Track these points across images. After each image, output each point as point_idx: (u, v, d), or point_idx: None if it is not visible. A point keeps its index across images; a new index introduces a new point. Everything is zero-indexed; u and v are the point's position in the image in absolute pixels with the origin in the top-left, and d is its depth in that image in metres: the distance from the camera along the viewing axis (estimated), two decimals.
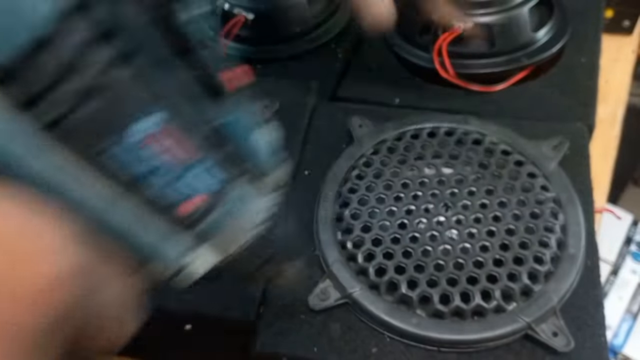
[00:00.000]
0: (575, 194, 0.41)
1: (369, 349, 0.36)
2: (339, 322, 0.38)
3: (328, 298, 0.38)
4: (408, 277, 0.37)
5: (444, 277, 0.37)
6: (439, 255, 0.38)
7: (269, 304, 0.39)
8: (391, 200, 0.41)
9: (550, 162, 0.43)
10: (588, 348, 0.36)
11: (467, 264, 0.37)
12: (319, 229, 0.41)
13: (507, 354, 0.36)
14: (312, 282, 0.39)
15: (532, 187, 0.41)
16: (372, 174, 0.43)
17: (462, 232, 0.39)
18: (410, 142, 0.45)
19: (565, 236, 0.39)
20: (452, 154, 0.43)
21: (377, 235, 0.39)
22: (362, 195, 0.42)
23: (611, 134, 0.59)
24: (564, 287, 0.37)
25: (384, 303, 0.37)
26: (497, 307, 0.36)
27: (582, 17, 0.60)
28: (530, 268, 0.37)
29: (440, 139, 0.44)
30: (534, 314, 0.36)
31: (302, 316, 0.38)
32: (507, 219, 0.39)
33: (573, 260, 0.38)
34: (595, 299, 0.38)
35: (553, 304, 0.36)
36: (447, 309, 0.36)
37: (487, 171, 0.42)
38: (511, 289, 0.36)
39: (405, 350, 0.36)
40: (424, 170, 0.43)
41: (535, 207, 0.40)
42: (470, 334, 0.35)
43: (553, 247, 0.38)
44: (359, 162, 0.44)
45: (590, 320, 0.37)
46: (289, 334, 0.37)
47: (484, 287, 0.36)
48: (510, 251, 0.38)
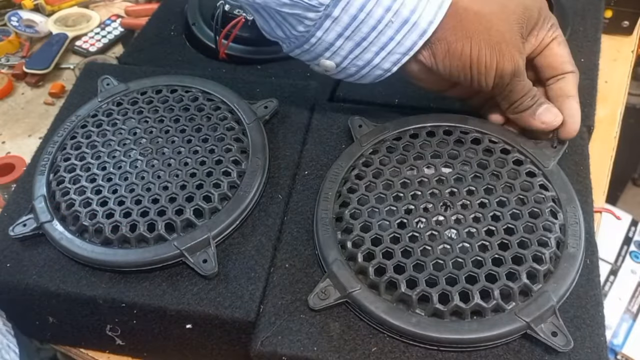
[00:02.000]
0: (575, 194, 0.42)
1: (369, 348, 0.37)
2: (338, 322, 0.38)
3: (328, 297, 0.38)
4: (407, 276, 0.37)
5: (443, 276, 0.37)
6: (438, 255, 0.38)
7: (269, 303, 0.39)
8: (390, 200, 0.41)
9: (549, 161, 0.43)
10: (587, 347, 0.36)
11: (466, 263, 0.37)
12: (318, 228, 0.41)
13: (506, 353, 0.36)
14: (312, 282, 0.39)
15: (532, 187, 0.41)
16: (371, 173, 0.43)
17: (461, 232, 0.39)
18: (410, 141, 0.45)
19: (564, 236, 0.39)
20: (451, 153, 0.43)
21: (377, 235, 0.39)
22: (361, 194, 0.42)
23: (610, 134, 0.59)
24: (564, 286, 0.37)
25: (384, 302, 0.37)
26: (496, 307, 0.36)
27: (581, 18, 0.60)
28: (529, 267, 0.37)
29: (439, 138, 0.44)
30: (533, 313, 0.36)
31: (302, 315, 0.38)
32: (506, 218, 0.39)
33: (572, 259, 0.38)
34: (595, 298, 0.38)
35: (552, 303, 0.36)
36: (447, 309, 0.36)
37: (487, 170, 0.42)
38: (510, 288, 0.36)
39: (405, 350, 0.36)
40: (423, 170, 0.43)
41: (534, 207, 0.40)
42: (470, 334, 0.35)
43: (552, 247, 0.38)
44: (358, 162, 0.44)
45: (590, 319, 0.37)
46: (288, 333, 0.37)
47: (483, 286, 0.36)
48: (510, 250, 0.38)
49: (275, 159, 0.47)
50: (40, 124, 0.68)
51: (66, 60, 0.75)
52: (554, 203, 0.41)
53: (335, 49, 0.42)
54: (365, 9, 0.39)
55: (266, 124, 0.49)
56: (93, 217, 0.43)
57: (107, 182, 0.44)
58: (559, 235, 0.39)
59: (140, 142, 0.47)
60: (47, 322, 0.43)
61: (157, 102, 0.50)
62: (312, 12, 0.40)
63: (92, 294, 0.40)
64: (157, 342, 0.43)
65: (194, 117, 0.48)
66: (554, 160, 0.43)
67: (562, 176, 0.42)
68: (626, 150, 0.73)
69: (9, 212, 0.46)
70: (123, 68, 0.59)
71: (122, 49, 0.76)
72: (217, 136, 0.47)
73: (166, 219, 0.42)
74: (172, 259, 0.41)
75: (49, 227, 0.43)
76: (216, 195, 0.43)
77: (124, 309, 0.40)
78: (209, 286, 0.40)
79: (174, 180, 0.44)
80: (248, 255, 0.42)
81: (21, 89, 0.73)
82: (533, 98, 0.43)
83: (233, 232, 0.43)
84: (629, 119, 1.00)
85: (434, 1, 0.39)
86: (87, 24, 0.78)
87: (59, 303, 0.42)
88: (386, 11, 0.39)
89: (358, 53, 0.42)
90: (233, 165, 0.45)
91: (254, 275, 0.41)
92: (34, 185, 0.46)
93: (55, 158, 0.47)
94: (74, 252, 0.42)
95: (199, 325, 0.40)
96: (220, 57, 0.59)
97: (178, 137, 0.47)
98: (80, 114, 0.51)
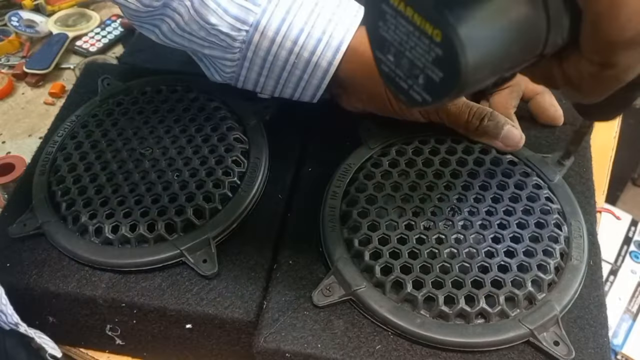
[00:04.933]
0: (578, 206, 0.42)
1: (373, 345, 0.36)
2: (342, 319, 0.38)
3: (332, 294, 0.38)
4: (414, 277, 0.37)
5: (450, 279, 0.37)
6: (445, 258, 0.38)
7: (272, 299, 0.39)
8: (399, 201, 0.41)
9: (555, 175, 0.43)
10: (590, 348, 0.36)
11: (472, 268, 0.37)
12: (324, 225, 0.41)
13: (510, 352, 0.36)
14: (316, 279, 0.39)
15: (538, 198, 0.41)
16: (380, 174, 0.43)
17: (468, 237, 0.39)
18: (419, 147, 0.45)
19: (568, 248, 0.39)
20: (459, 161, 0.44)
21: (384, 235, 0.39)
22: (370, 194, 0.42)
23: (610, 134, 0.59)
24: (567, 297, 0.37)
25: (389, 302, 0.37)
26: (501, 312, 0.36)
27: None
28: (534, 276, 0.37)
29: (448, 146, 0.44)
30: (536, 321, 0.36)
31: (306, 312, 0.38)
32: (512, 227, 0.39)
33: (576, 271, 0.38)
34: (598, 299, 0.38)
35: (555, 313, 0.36)
36: (452, 311, 0.36)
37: (494, 180, 0.42)
38: (515, 295, 0.36)
39: (410, 348, 0.36)
40: (431, 175, 0.43)
41: (540, 217, 0.40)
42: (475, 337, 0.35)
43: (557, 257, 0.38)
44: (367, 162, 0.44)
45: (593, 320, 0.37)
46: (292, 330, 0.37)
47: (489, 291, 0.36)
48: (515, 258, 0.38)
49: (276, 159, 0.47)
50: (40, 124, 0.67)
51: (66, 60, 0.75)
52: (559, 215, 0.41)
53: (262, 85, 0.46)
54: (272, 51, 0.43)
55: (266, 124, 0.49)
56: (93, 217, 0.43)
57: (108, 182, 0.44)
58: (564, 246, 0.39)
59: (141, 142, 0.47)
60: (47, 322, 0.43)
61: (158, 102, 0.50)
62: (229, 53, 0.44)
63: (92, 294, 0.40)
64: (157, 342, 0.43)
65: (194, 117, 0.48)
66: (559, 174, 0.43)
67: (567, 189, 0.43)
68: (626, 150, 0.73)
69: (9, 212, 0.45)
70: (123, 68, 0.59)
71: (122, 49, 0.75)
72: (218, 136, 0.46)
73: (166, 219, 0.42)
74: (172, 259, 0.41)
75: (49, 227, 0.43)
76: (216, 195, 0.43)
77: (124, 309, 0.40)
78: (209, 286, 0.40)
79: (174, 180, 0.44)
80: (248, 255, 0.42)
81: (21, 89, 0.72)
82: (479, 117, 0.43)
83: (233, 232, 0.42)
84: (629, 119, 1.00)
85: (333, 44, 0.42)
86: (87, 24, 0.78)
87: (59, 303, 0.41)
88: (289, 54, 0.43)
89: (280, 89, 0.46)
90: (233, 165, 0.45)
91: (254, 275, 0.40)
92: (34, 185, 0.46)
93: (55, 158, 0.47)
94: (74, 252, 0.42)
95: (199, 325, 0.40)
96: None
97: (178, 137, 0.47)
98: (81, 114, 0.50)
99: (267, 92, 0.47)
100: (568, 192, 0.43)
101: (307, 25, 0.42)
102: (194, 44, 0.45)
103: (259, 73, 0.45)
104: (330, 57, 0.42)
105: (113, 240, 0.42)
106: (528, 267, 0.38)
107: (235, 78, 0.46)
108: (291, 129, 0.49)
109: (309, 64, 0.43)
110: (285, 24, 0.42)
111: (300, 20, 0.42)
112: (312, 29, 0.42)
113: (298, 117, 0.50)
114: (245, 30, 0.42)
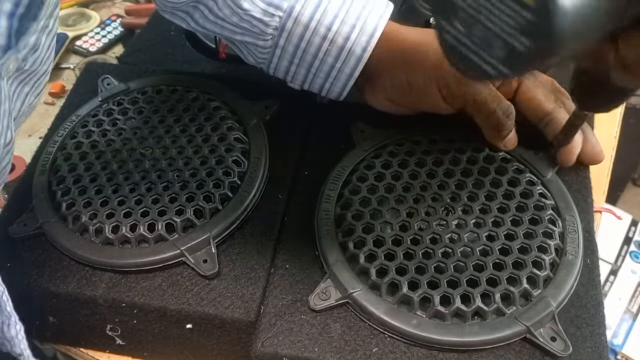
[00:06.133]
0: (573, 202, 0.42)
1: (370, 348, 0.37)
2: (339, 322, 0.38)
3: (329, 298, 0.38)
4: (409, 278, 0.37)
5: (445, 279, 0.37)
6: (439, 258, 0.38)
7: (270, 304, 0.39)
8: (392, 203, 0.41)
9: (548, 170, 0.43)
10: (588, 347, 0.36)
11: (467, 267, 0.37)
12: (319, 229, 0.41)
13: (507, 353, 0.36)
14: (312, 282, 0.39)
15: (531, 194, 0.41)
16: (373, 176, 0.43)
17: (462, 236, 0.39)
18: (412, 147, 0.45)
19: (563, 243, 0.39)
20: (452, 160, 0.44)
21: (379, 237, 0.39)
22: (363, 196, 0.42)
23: (610, 134, 0.59)
24: (562, 293, 0.37)
25: (385, 303, 0.37)
26: (497, 310, 0.36)
27: None
28: (529, 273, 0.37)
29: (441, 145, 0.45)
30: (532, 318, 0.36)
31: (303, 316, 0.38)
32: (506, 224, 0.40)
33: (571, 267, 0.38)
34: (595, 298, 0.38)
35: (552, 309, 0.36)
36: (448, 311, 0.36)
37: (487, 178, 0.42)
38: (511, 292, 0.36)
39: (406, 350, 0.36)
40: (424, 175, 0.43)
41: (534, 213, 0.40)
42: (471, 336, 0.36)
43: (552, 253, 0.38)
44: (360, 165, 0.45)
45: (590, 319, 0.37)
46: (289, 334, 0.37)
47: (484, 290, 0.37)
48: (510, 255, 0.38)
49: (276, 159, 0.47)
50: (40, 124, 0.67)
51: (66, 60, 0.75)
52: (553, 211, 0.41)
53: (292, 74, 0.46)
54: (305, 37, 0.42)
55: (266, 124, 0.49)
56: (93, 217, 0.43)
57: (108, 181, 0.44)
58: (558, 242, 0.39)
59: (141, 142, 0.47)
60: (47, 322, 0.43)
61: (158, 102, 0.50)
62: (261, 40, 0.44)
63: (93, 294, 0.40)
64: (157, 342, 0.43)
65: (194, 117, 0.48)
66: (552, 170, 0.43)
67: (561, 185, 0.43)
68: (626, 150, 0.73)
69: (9, 212, 0.45)
70: (123, 68, 0.59)
71: (122, 49, 0.76)
72: (218, 136, 0.47)
73: (167, 219, 0.42)
74: (172, 259, 0.41)
75: (49, 227, 0.43)
76: (217, 195, 0.43)
77: (124, 309, 0.40)
78: (209, 286, 0.40)
79: (174, 180, 0.44)
80: (248, 255, 0.42)
81: None
82: (506, 112, 0.42)
83: (233, 232, 0.43)
84: (629, 119, 1.00)
85: (367, 30, 0.42)
86: (87, 23, 0.78)
87: (59, 303, 0.42)
88: (322, 40, 0.42)
89: (311, 79, 0.46)
90: (234, 165, 0.45)
91: (254, 275, 0.41)
92: (34, 185, 0.46)
93: (55, 158, 0.47)
94: (74, 252, 0.42)
95: (199, 325, 0.40)
96: (220, 57, 0.59)
97: (179, 137, 0.47)
98: (81, 114, 0.51)
99: (298, 82, 0.47)
100: (562, 188, 0.43)
101: (341, 12, 0.42)
102: (225, 30, 0.45)
103: (290, 61, 0.45)
104: (364, 43, 0.42)
105: (113, 240, 0.42)
106: (523, 263, 0.38)
107: (267, 65, 0.47)
108: (291, 129, 0.49)
109: (342, 50, 0.43)
110: (319, 9, 0.42)
111: (335, 7, 0.42)
112: (346, 16, 0.42)
113: (298, 117, 0.50)
114: (278, 16, 0.42)
